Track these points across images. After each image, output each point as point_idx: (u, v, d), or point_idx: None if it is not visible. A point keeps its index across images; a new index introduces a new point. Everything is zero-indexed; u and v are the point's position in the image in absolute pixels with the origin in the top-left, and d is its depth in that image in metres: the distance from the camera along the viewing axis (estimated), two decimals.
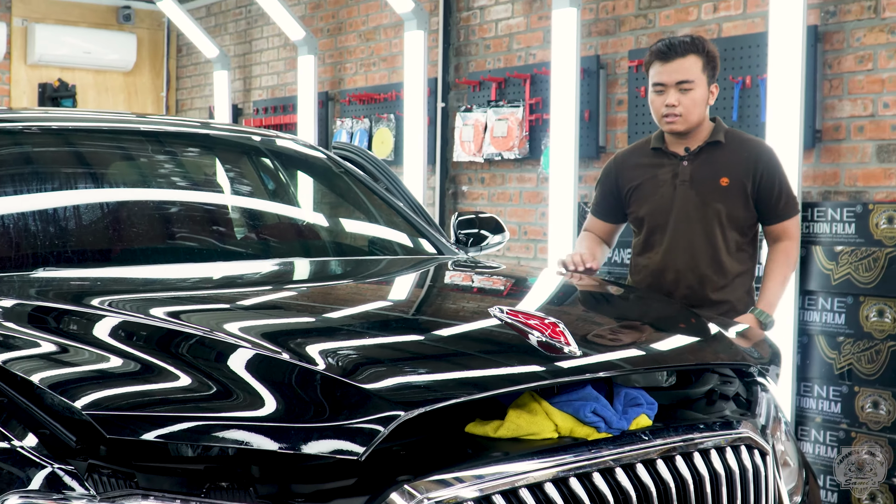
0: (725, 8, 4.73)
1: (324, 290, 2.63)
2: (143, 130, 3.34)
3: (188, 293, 2.47)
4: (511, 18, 5.86)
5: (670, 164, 3.20)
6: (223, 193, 3.49)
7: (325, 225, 3.61)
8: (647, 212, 3.23)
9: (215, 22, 8.65)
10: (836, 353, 4.15)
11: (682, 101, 3.10)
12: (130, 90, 9.00)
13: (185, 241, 3.11)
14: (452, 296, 2.56)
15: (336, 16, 7.24)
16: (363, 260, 3.16)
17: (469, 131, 5.96)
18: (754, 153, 3.17)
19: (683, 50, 3.12)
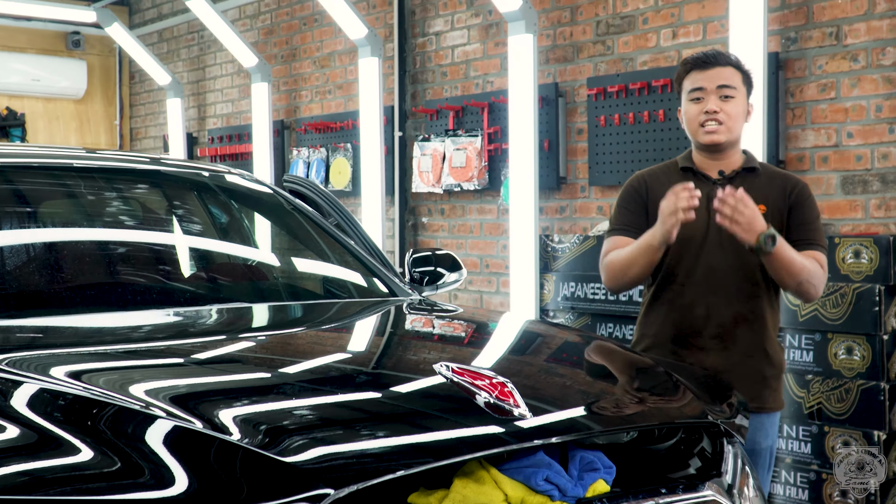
0: (685, 34, 4.62)
1: (259, 341, 2.46)
2: (77, 167, 3.16)
3: (108, 348, 2.29)
4: (468, 45, 5.73)
5: (703, 188, 2.82)
6: (163, 233, 3.31)
7: (272, 265, 3.43)
8: (677, 238, 2.78)
9: (167, 48, 8.47)
10: (805, 392, 4.02)
11: (724, 108, 2.81)
12: (82, 118, 8.78)
13: (118, 285, 2.92)
14: (397, 348, 2.39)
15: (290, 42, 7.09)
16: (307, 305, 2.98)
17: (427, 161, 5.82)
18: (789, 184, 2.91)
19: (724, 60, 2.87)
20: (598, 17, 5.00)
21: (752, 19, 4.04)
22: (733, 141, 2.89)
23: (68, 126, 8.70)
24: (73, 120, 8.74)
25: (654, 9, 4.76)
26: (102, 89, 8.88)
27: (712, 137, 2.85)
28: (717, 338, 2.88)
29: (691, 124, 2.89)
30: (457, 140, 5.63)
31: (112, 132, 8.95)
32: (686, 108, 2.91)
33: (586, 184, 5.10)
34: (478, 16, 5.66)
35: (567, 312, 4.82)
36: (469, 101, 5.60)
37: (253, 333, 2.56)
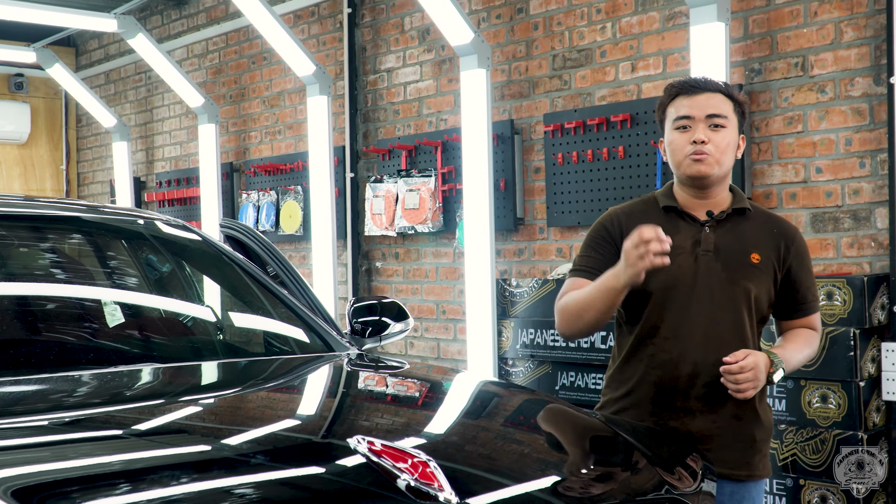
0: (644, 67, 4.43)
1: (148, 412, 2.14)
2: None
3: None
4: (420, 81, 5.52)
5: (689, 229, 2.57)
6: (74, 285, 3.03)
7: (195, 320, 3.16)
8: (659, 285, 2.53)
9: (115, 90, 8.21)
10: (779, 443, 3.78)
11: (714, 138, 2.51)
12: (27, 163, 8.49)
13: (7, 344, 2.63)
14: (313, 418, 2.12)
15: (238, 81, 6.86)
16: (225, 364, 2.71)
17: (380, 203, 5.58)
18: (785, 232, 2.63)
19: (714, 86, 2.57)
20: (554, 51, 4.81)
21: (714, 50, 3.85)
22: (721, 176, 2.57)
23: (11, 172, 8.40)
24: (17, 165, 8.44)
25: (611, 41, 4.57)
26: (48, 133, 8.60)
27: (699, 168, 2.52)
28: (705, 399, 2.57)
29: (676, 155, 2.57)
30: (409, 181, 5.40)
31: (58, 177, 8.66)
32: (671, 138, 2.58)
33: (545, 225, 4.88)
34: (430, 51, 5.46)
35: (526, 361, 4.58)
36: (422, 139, 5.38)
37: (142, 403, 2.24)
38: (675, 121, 2.57)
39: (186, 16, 7.37)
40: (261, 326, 3.09)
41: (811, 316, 2.68)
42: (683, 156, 2.55)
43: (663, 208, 2.64)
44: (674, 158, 2.60)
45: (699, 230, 2.60)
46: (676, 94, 2.60)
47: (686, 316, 2.56)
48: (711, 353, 2.55)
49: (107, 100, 8.25)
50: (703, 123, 2.54)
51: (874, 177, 3.72)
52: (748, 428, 2.60)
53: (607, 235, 2.66)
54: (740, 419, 2.57)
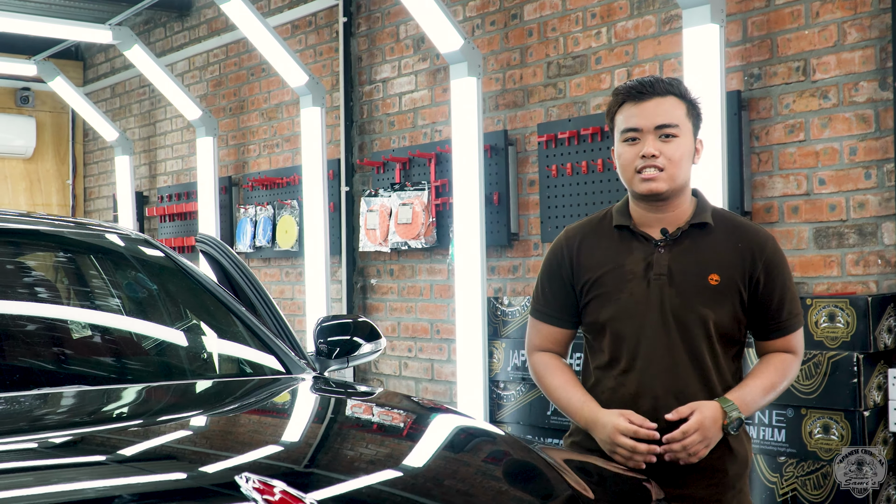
0: (640, 74, 4.19)
1: (60, 441, 1.96)
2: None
3: None
4: (415, 91, 5.31)
5: (641, 251, 2.37)
6: (10, 301, 2.84)
7: (142, 339, 2.94)
8: (611, 315, 2.37)
9: (119, 103, 8.09)
10: (778, 477, 3.51)
11: (665, 151, 2.30)
12: (32, 178, 8.38)
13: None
14: (207, 453, 1.89)
15: (238, 93, 6.69)
16: (155, 388, 2.49)
17: (374, 218, 5.37)
18: (752, 244, 2.38)
19: (663, 89, 2.35)
20: (548, 58, 4.58)
21: (708, 54, 3.60)
22: (677, 189, 2.36)
23: (17, 186, 8.29)
24: (23, 180, 8.33)
25: (606, 47, 4.33)
26: (54, 147, 8.49)
27: (650, 186, 2.31)
28: (666, 433, 2.33)
29: (626, 171, 2.36)
30: (403, 194, 5.18)
31: (65, 192, 8.54)
32: (619, 151, 2.38)
33: (539, 240, 4.64)
34: (425, 60, 5.25)
35: (518, 384, 4.33)
36: (414, 151, 5.17)
37: (67, 431, 2.04)
38: (623, 133, 2.36)
39: (188, 28, 7.23)
40: (209, 346, 2.88)
41: (789, 336, 2.42)
42: (633, 171, 2.35)
43: (616, 227, 2.43)
44: (624, 174, 2.39)
45: (652, 251, 2.37)
46: (623, 100, 2.38)
47: (641, 348, 2.34)
48: (671, 386, 2.33)
49: (112, 114, 8.13)
50: (653, 135, 2.32)
51: (881, 189, 3.45)
52: (719, 462, 2.35)
53: (557, 269, 2.50)
54: (710, 453, 2.31)
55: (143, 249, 3.03)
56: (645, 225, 2.40)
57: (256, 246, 6.29)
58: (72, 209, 8.55)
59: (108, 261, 3.00)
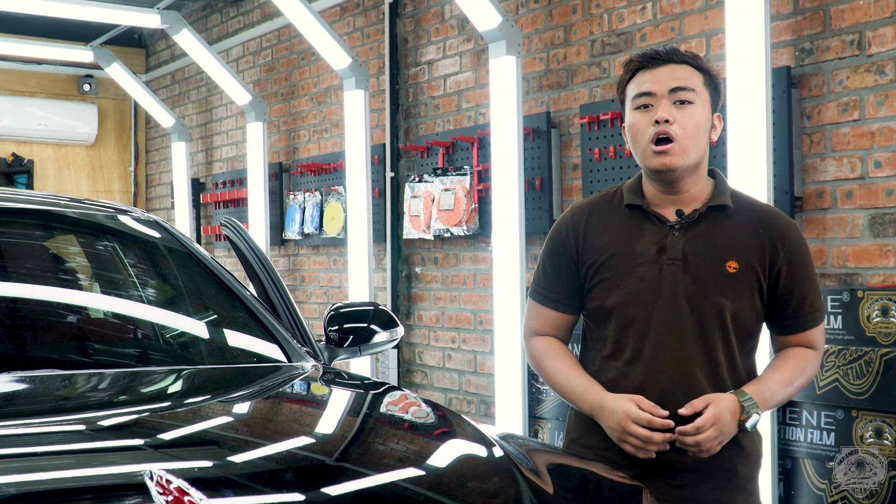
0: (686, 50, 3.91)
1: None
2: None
3: None
4: (459, 73, 5.10)
5: (655, 233, 2.18)
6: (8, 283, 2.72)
7: (130, 321, 2.79)
8: (619, 301, 2.18)
9: (179, 90, 8.04)
10: (827, 484, 3.23)
11: (679, 118, 2.11)
12: (95, 164, 8.39)
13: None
14: (113, 448, 1.71)
15: (289, 78, 6.56)
16: (136, 373, 2.34)
17: (418, 204, 5.18)
18: (774, 230, 2.18)
19: (678, 57, 2.18)
20: (592, 36, 4.33)
21: (752, 28, 3.32)
22: (691, 164, 2.16)
23: (80, 173, 8.31)
24: (85, 166, 8.35)
25: (651, 23, 4.06)
26: (117, 134, 8.49)
27: (663, 161, 2.13)
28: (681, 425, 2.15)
29: (638, 141, 2.17)
30: (445, 180, 4.98)
31: (126, 179, 8.54)
32: (631, 120, 2.19)
33: None
34: (469, 40, 5.04)
35: None
36: (456, 135, 4.96)
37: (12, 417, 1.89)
38: (635, 98, 2.17)
39: (242, 13, 7.12)
40: (202, 332, 2.73)
41: (810, 331, 2.21)
42: (646, 142, 2.15)
43: (626, 206, 2.22)
44: (636, 146, 2.19)
45: (666, 234, 2.17)
46: (636, 68, 2.20)
47: (649, 337, 2.14)
48: (680, 380, 2.13)
49: (172, 100, 8.09)
50: (667, 99, 2.13)
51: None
52: (729, 461, 2.15)
53: (561, 248, 2.30)
54: (719, 451, 2.11)
55: (146, 230, 2.90)
56: (658, 206, 2.21)
57: (304, 233, 6.16)
58: (133, 196, 8.55)
59: (103, 240, 2.87)
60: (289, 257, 6.55)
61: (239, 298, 2.75)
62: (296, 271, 6.48)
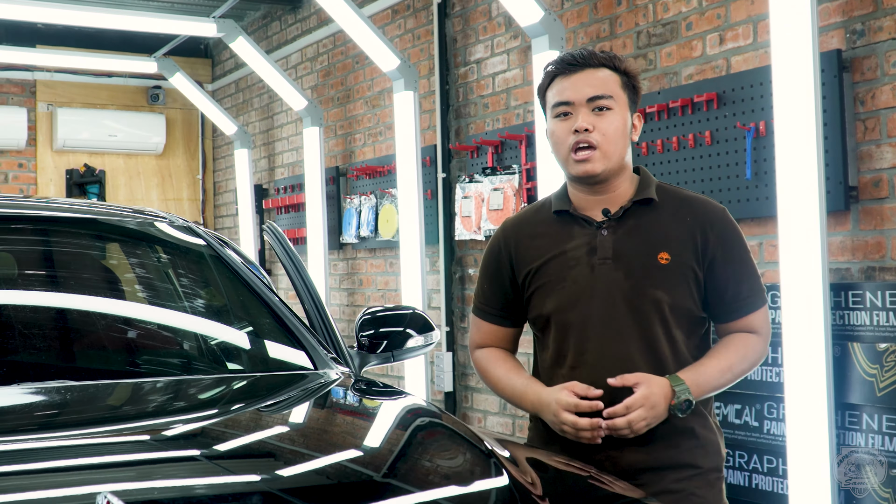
0: (733, 38, 3.69)
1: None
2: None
3: None
4: (507, 71, 4.93)
5: (583, 235, 2.16)
6: (37, 291, 2.64)
7: (154, 329, 2.70)
8: (555, 306, 2.15)
9: (243, 98, 8.02)
10: (891, 493, 2.98)
11: (599, 125, 2.10)
12: (164, 174, 8.42)
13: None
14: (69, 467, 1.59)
15: (344, 82, 6.47)
16: (143, 385, 2.23)
17: (469, 204, 5.03)
18: (703, 217, 2.14)
19: (595, 61, 2.15)
20: (638, 27, 4.12)
21: (798, 10, 3.09)
22: (614, 168, 2.14)
23: (149, 182, 8.35)
24: (155, 175, 8.39)
25: (697, 11, 3.84)
26: (185, 143, 8.51)
27: (585, 168, 2.12)
28: (628, 435, 2.08)
29: (559, 148, 2.17)
30: (494, 179, 4.82)
31: (195, 187, 8.55)
32: (551, 128, 2.20)
33: None
34: (516, 37, 4.86)
35: None
36: (504, 134, 4.79)
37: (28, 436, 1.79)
38: (555, 107, 2.16)
39: (301, 19, 7.06)
40: (229, 339, 2.64)
41: (750, 315, 2.16)
42: (567, 150, 2.13)
43: (554, 213, 2.21)
44: (558, 153, 2.18)
45: (595, 233, 2.14)
46: (554, 75, 2.18)
47: (590, 339, 2.10)
48: None
49: (236, 108, 8.08)
50: (586, 108, 2.11)
51: None
52: (688, 455, 2.11)
53: (495, 263, 2.30)
54: (677, 446, 2.09)
55: (178, 235, 2.80)
56: (585, 209, 2.19)
57: (361, 236, 6.05)
58: (202, 203, 8.56)
59: (133, 247, 2.79)
60: (347, 261, 6.45)
61: (267, 304, 2.65)
62: (354, 275, 6.38)
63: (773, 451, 3.35)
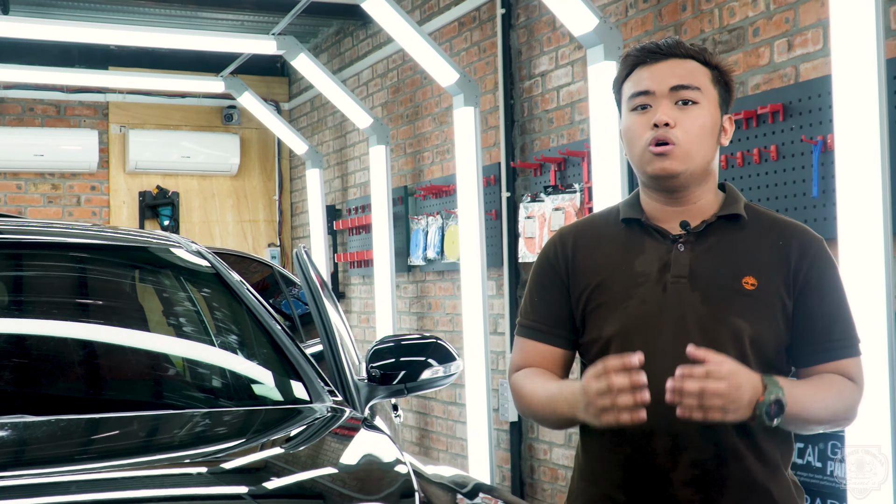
0: (802, 44, 3.52)
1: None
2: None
3: None
4: (572, 84, 4.83)
5: (656, 249, 1.93)
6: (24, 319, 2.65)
7: (134, 357, 2.66)
8: (617, 329, 1.90)
9: (317, 116, 8.09)
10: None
11: (682, 121, 1.87)
12: (239, 195, 8.54)
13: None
14: None
15: (413, 98, 6.45)
16: (117, 420, 2.20)
17: (532, 225, 4.93)
18: (798, 242, 1.90)
19: (682, 51, 1.93)
20: (703, 34, 3.98)
21: (861, 13, 2.92)
22: (695, 172, 1.89)
23: (224, 203, 8.47)
24: (230, 197, 8.51)
25: (764, 15, 3.68)
26: (260, 163, 8.62)
27: (662, 165, 1.87)
28: (695, 484, 1.85)
29: (634, 146, 1.92)
30: (556, 198, 4.72)
31: (271, 208, 8.65)
32: (626, 124, 1.95)
33: None
34: (580, 48, 4.76)
35: None
36: (564, 150, 4.68)
37: None
38: (631, 99, 1.92)
39: (371, 34, 7.08)
40: (216, 370, 2.61)
41: (842, 362, 1.87)
42: (643, 148, 1.89)
43: (623, 221, 1.96)
44: (632, 151, 1.94)
45: (670, 249, 1.90)
46: (633, 64, 1.94)
47: (656, 370, 1.79)
48: (696, 421, 1.77)
49: (312, 127, 8.16)
50: (668, 99, 1.88)
51: None
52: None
53: (551, 272, 2.01)
54: None
55: (177, 260, 2.80)
56: (660, 219, 1.94)
57: (428, 258, 6.00)
58: (278, 224, 8.65)
59: (123, 270, 2.78)
60: (416, 284, 6.41)
61: (268, 333, 2.60)
62: (423, 298, 6.33)
63: (836, 495, 3.15)
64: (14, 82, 7.65)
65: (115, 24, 6.40)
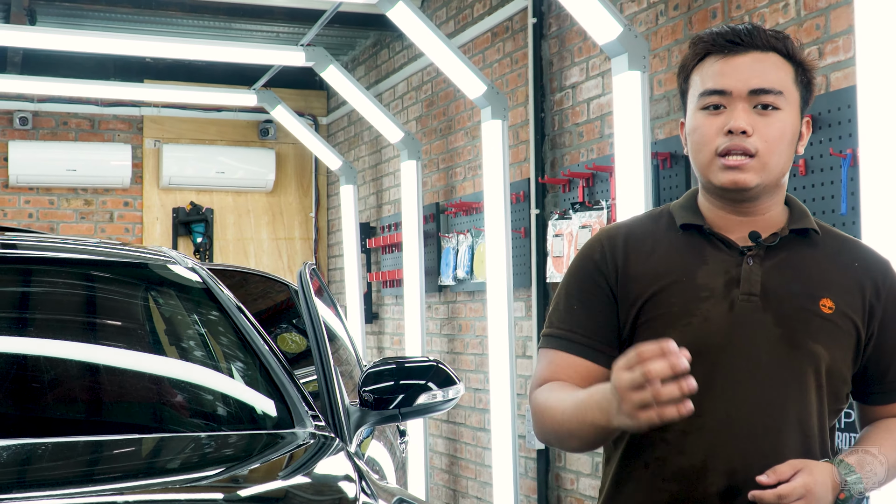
0: (833, 52, 3.41)
1: None
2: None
3: None
4: (602, 96, 4.75)
5: (721, 261, 1.76)
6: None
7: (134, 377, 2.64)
8: None
9: (354, 131, 8.10)
10: None
11: (761, 128, 1.70)
12: (275, 211, 8.57)
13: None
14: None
15: (446, 112, 6.41)
16: (81, 444, 2.17)
17: (561, 243, 4.85)
18: (873, 266, 1.79)
19: (763, 42, 1.72)
20: None
21: (887, 13, 2.81)
22: (770, 183, 1.75)
23: (259, 220, 8.51)
24: (265, 213, 8.54)
25: (795, 21, 3.58)
26: (297, 179, 8.64)
27: (735, 177, 1.71)
28: None
29: (701, 150, 1.74)
30: (583, 215, 4.63)
31: (307, 224, 8.66)
32: (695, 123, 1.76)
33: None
34: (610, 59, 4.67)
35: None
36: (591, 165, 4.60)
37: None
38: (703, 97, 1.75)
39: (407, 46, 7.07)
40: (195, 392, 2.57)
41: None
42: (712, 154, 1.72)
43: (682, 227, 1.78)
44: (697, 155, 1.76)
45: (738, 262, 1.75)
46: (706, 52, 1.75)
47: (716, 397, 1.69)
48: (759, 456, 1.68)
49: (348, 142, 8.17)
50: (745, 103, 1.71)
51: None
52: None
53: (597, 275, 1.79)
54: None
55: (167, 276, 2.78)
56: (724, 228, 1.78)
57: (458, 278, 5.94)
58: (315, 242, 8.66)
59: (108, 286, 2.77)
60: (447, 304, 6.35)
61: (255, 353, 2.57)
62: (454, 320, 6.27)
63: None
64: (48, 95, 7.77)
65: (148, 35, 6.48)
